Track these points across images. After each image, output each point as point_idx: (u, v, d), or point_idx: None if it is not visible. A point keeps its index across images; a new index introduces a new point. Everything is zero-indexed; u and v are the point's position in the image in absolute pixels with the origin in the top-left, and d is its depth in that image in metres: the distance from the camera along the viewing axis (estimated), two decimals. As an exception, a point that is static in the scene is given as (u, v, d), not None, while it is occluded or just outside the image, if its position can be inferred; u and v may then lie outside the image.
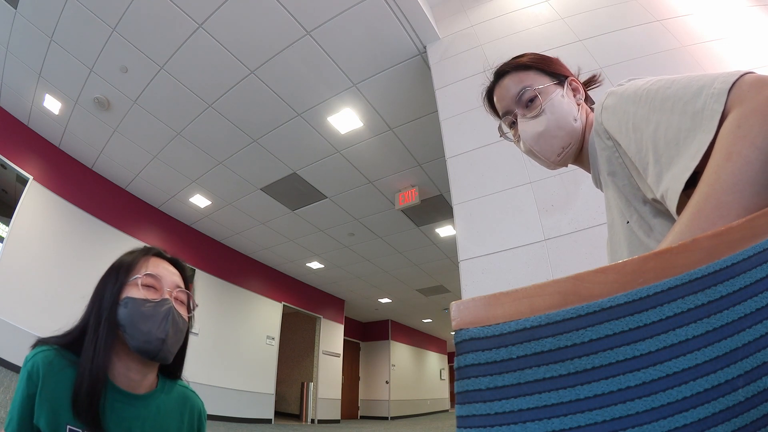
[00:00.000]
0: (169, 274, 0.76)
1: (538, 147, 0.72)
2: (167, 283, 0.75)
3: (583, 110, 0.74)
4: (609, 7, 2.28)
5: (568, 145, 0.71)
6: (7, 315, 3.64)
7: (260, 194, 4.98)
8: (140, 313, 0.68)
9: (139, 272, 0.73)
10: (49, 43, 3.20)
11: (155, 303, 0.71)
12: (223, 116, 3.72)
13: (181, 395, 0.81)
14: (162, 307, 0.71)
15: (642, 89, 0.55)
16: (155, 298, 0.71)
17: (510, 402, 0.28)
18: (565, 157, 0.72)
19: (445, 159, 2.26)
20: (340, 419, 8.67)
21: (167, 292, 0.73)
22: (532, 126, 0.72)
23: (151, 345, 0.68)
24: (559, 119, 0.70)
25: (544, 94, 0.71)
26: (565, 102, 0.71)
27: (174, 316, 0.72)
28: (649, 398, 0.26)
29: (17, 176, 4.36)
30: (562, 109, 0.71)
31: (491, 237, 1.90)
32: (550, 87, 0.72)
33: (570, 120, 0.71)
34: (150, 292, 0.72)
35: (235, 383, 6.09)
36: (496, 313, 0.30)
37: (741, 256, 0.29)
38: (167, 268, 0.77)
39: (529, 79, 0.74)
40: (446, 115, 2.40)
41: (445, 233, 5.76)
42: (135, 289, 0.71)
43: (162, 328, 0.69)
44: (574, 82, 0.76)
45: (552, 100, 0.71)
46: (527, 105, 0.72)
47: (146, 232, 5.40)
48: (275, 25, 2.81)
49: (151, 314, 0.69)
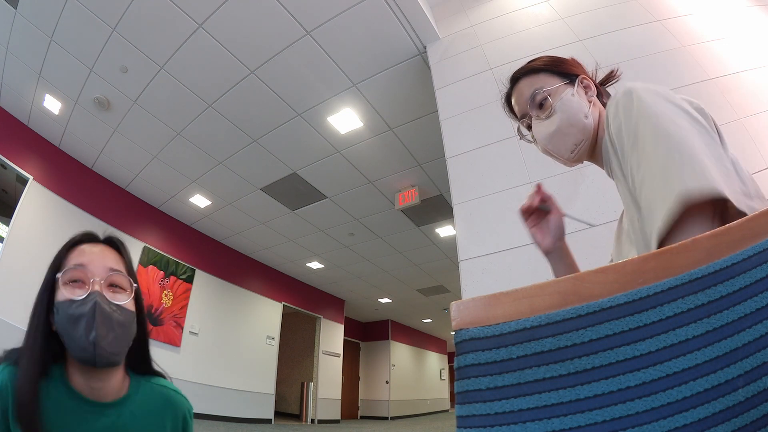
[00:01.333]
0: (99, 257, 0.67)
1: (552, 146, 0.74)
2: (95, 269, 0.65)
3: (595, 107, 0.76)
4: (609, 7, 2.28)
5: (581, 141, 0.73)
6: (7, 315, 3.64)
7: (260, 194, 4.98)
8: (69, 318, 0.61)
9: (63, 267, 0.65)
10: (49, 43, 3.20)
11: (80, 302, 0.61)
12: (223, 116, 3.72)
13: (162, 397, 0.72)
14: (87, 305, 0.61)
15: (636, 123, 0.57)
16: (80, 296, 0.62)
17: (510, 402, 0.28)
18: (579, 153, 0.74)
19: (445, 159, 2.26)
20: (340, 419, 8.67)
21: (96, 283, 0.64)
22: (545, 126, 0.74)
23: (86, 351, 0.60)
24: (570, 117, 0.72)
25: (554, 94, 0.74)
26: (575, 100, 0.73)
27: (103, 311, 0.62)
28: (649, 398, 0.26)
29: (17, 176, 4.36)
30: (572, 107, 0.73)
31: (491, 237, 1.90)
32: (560, 87, 0.74)
33: (581, 117, 0.72)
34: (76, 288, 0.63)
35: (235, 383, 6.09)
36: (496, 313, 0.30)
37: (741, 256, 0.29)
38: (95, 251, 0.67)
39: (540, 81, 0.76)
40: (446, 115, 2.40)
41: (445, 233, 5.76)
42: (61, 290, 0.63)
43: (92, 329, 0.60)
44: (585, 80, 0.78)
45: (562, 100, 0.73)
46: (540, 106, 0.75)
47: (146, 232, 5.40)
48: (275, 25, 2.81)
49: (78, 315, 0.60)
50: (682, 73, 1.85)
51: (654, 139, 0.53)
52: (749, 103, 1.69)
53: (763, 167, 1.52)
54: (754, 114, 1.65)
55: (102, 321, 0.61)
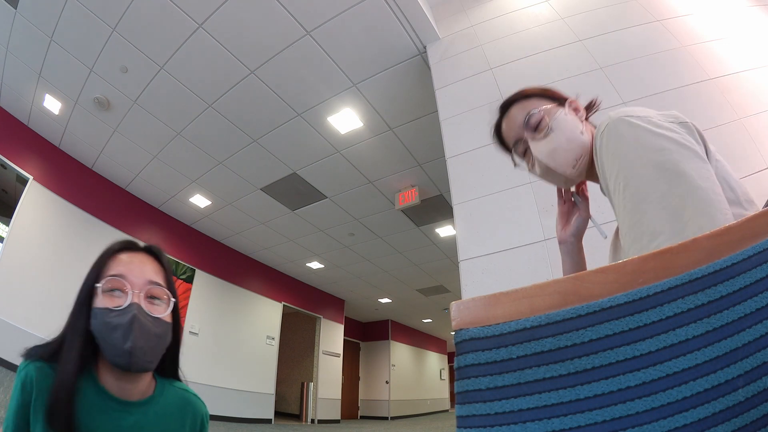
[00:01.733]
0: (139, 267, 0.69)
1: (554, 162, 0.75)
2: (136, 281, 0.67)
3: (587, 126, 0.78)
4: (609, 7, 2.28)
5: (581, 156, 0.74)
6: (6, 315, 3.64)
7: (260, 194, 4.98)
8: (106, 324, 0.63)
9: (103, 275, 0.67)
10: (49, 43, 3.20)
11: (119, 312, 0.64)
12: (223, 116, 3.72)
13: (183, 399, 0.76)
14: (126, 316, 0.64)
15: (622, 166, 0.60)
16: (119, 306, 0.64)
17: (510, 402, 0.28)
18: (580, 167, 0.75)
19: (445, 159, 2.26)
20: (340, 419, 8.67)
21: (134, 295, 0.66)
22: (544, 145, 0.75)
23: (121, 358, 0.63)
24: (567, 133, 0.74)
25: (549, 114, 0.76)
26: (570, 118, 0.76)
27: (141, 323, 0.64)
28: (649, 398, 0.26)
29: (17, 176, 4.36)
30: (567, 124, 0.75)
31: (491, 237, 1.90)
32: (553, 108, 0.77)
33: (577, 133, 0.75)
34: (115, 298, 0.65)
35: (235, 383, 6.09)
36: (496, 313, 0.30)
37: (741, 256, 0.29)
38: (136, 262, 0.69)
39: (532, 104, 0.78)
40: (446, 115, 2.40)
41: (445, 233, 5.76)
42: (100, 297, 0.65)
43: (128, 339, 0.62)
44: (573, 103, 0.80)
45: (557, 118, 0.75)
46: (536, 128, 0.76)
47: (146, 232, 5.40)
48: (275, 25, 2.81)
49: (116, 325, 0.63)
50: (682, 73, 1.85)
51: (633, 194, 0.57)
52: (749, 103, 1.69)
53: (763, 167, 1.52)
54: (754, 114, 1.65)
55: (139, 332, 0.64)
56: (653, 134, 0.57)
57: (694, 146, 0.56)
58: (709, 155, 0.59)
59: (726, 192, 0.57)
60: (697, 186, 0.52)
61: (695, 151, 0.56)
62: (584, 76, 2.05)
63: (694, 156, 0.55)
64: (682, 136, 0.57)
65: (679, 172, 0.53)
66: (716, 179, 0.54)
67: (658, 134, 0.57)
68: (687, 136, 0.58)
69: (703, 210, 0.50)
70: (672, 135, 0.57)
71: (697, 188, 0.52)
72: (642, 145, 0.57)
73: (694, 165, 0.54)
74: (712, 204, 0.51)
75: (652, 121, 0.59)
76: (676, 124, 0.60)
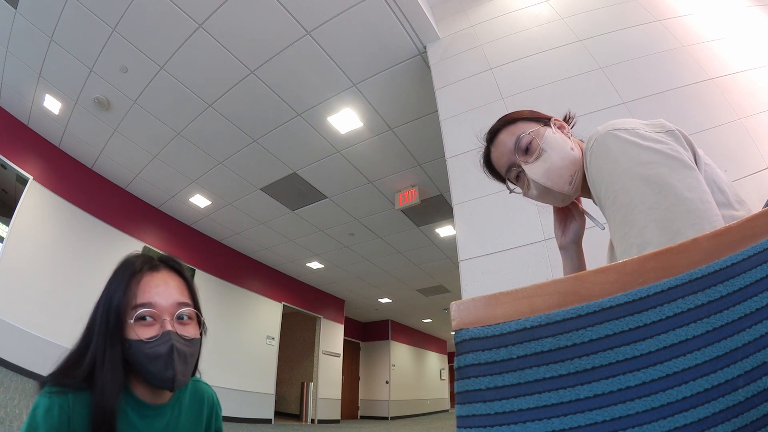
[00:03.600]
0: (165, 290, 0.69)
1: (551, 182, 0.75)
2: (165, 305, 0.67)
3: (575, 142, 0.80)
4: (609, 7, 2.28)
5: (575, 172, 0.75)
6: (6, 315, 3.64)
7: (260, 194, 4.98)
8: (145, 356, 0.64)
9: (132, 303, 0.66)
10: (49, 43, 3.20)
11: (155, 342, 0.65)
12: (223, 116, 3.72)
13: (197, 390, 0.82)
14: (164, 346, 0.65)
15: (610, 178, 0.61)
16: (154, 336, 0.65)
17: (510, 402, 0.28)
18: (576, 184, 0.76)
19: (445, 159, 2.27)
20: (340, 419, 8.67)
21: (166, 322, 0.66)
22: (538, 166, 0.76)
23: (164, 383, 0.65)
24: (558, 151, 0.75)
25: (538, 135, 0.76)
26: (558, 137, 0.77)
27: (178, 350, 0.66)
28: (649, 398, 0.26)
29: (17, 176, 4.36)
30: (557, 142, 0.76)
31: (491, 237, 1.90)
32: (540, 129, 0.77)
33: (568, 150, 0.76)
34: (146, 327, 0.66)
35: (235, 383, 6.09)
36: (496, 313, 0.30)
37: (741, 256, 0.29)
38: (161, 284, 0.69)
39: (519, 128, 0.79)
40: (446, 115, 2.40)
41: (445, 233, 5.76)
42: (131, 330, 0.65)
43: (170, 367, 0.65)
44: (557, 122, 0.81)
45: (546, 138, 0.76)
46: (526, 151, 0.77)
47: (146, 232, 5.40)
48: (275, 25, 2.81)
49: (156, 355, 0.64)
50: (682, 73, 1.85)
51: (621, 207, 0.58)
52: (749, 103, 1.69)
53: (763, 167, 1.52)
54: (753, 114, 1.65)
55: (178, 359, 0.66)
56: (640, 147, 0.58)
57: (681, 155, 0.57)
58: (697, 160, 0.60)
59: (716, 195, 0.58)
60: (685, 197, 0.53)
61: (682, 161, 0.57)
62: (584, 76, 2.05)
63: (681, 166, 0.56)
64: (669, 147, 0.58)
65: (666, 185, 0.54)
66: (705, 187, 0.55)
67: (645, 147, 0.58)
68: (674, 146, 0.58)
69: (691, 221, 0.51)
70: (658, 147, 0.58)
71: (685, 200, 0.53)
72: (629, 158, 0.58)
73: (681, 176, 0.55)
74: (700, 214, 0.52)
75: (639, 133, 0.60)
76: (663, 133, 0.60)
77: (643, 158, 0.57)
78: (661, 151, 0.57)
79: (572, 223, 0.85)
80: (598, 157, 0.63)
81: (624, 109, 1.86)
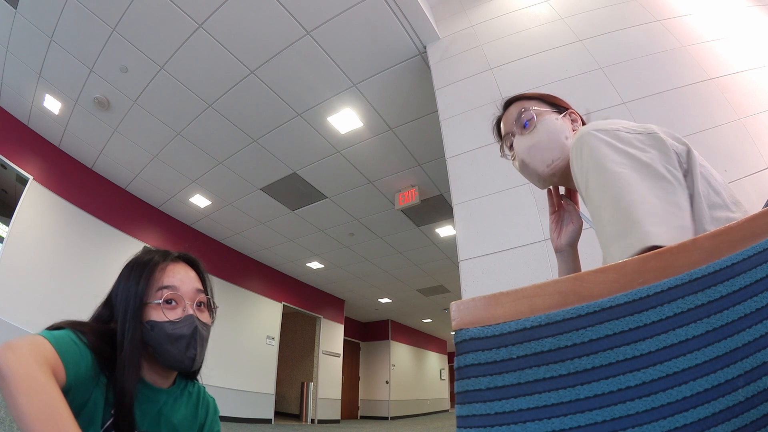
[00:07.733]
0: (188, 279, 0.74)
1: (529, 158, 0.79)
2: (187, 292, 0.73)
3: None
4: (609, 7, 2.28)
5: (558, 158, 0.77)
6: (7, 315, 3.64)
7: (260, 194, 4.98)
8: (166, 336, 0.68)
9: (156, 285, 0.71)
10: (49, 43, 3.20)
11: (179, 322, 0.69)
12: (223, 116, 3.72)
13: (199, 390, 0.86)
14: (188, 327, 0.70)
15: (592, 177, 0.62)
16: (178, 318, 0.70)
17: (510, 402, 0.28)
18: (553, 168, 0.78)
19: (445, 159, 2.26)
20: (340, 419, 8.67)
21: (189, 306, 0.72)
22: (525, 140, 0.80)
23: (183, 363, 0.69)
24: (549, 134, 0.78)
25: (539, 115, 0.80)
26: (558, 123, 0.79)
27: (200, 333, 0.71)
28: (649, 398, 0.26)
29: (17, 176, 4.36)
30: (554, 127, 0.78)
31: (491, 237, 1.90)
32: (546, 111, 0.81)
33: (561, 137, 0.77)
34: (170, 309, 0.70)
35: (235, 383, 6.09)
36: (496, 313, 0.30)
37: (741, 256, 0.29)
38: (183, 273, 0.75)
39: (529, 105, 0.83)
40: (446, 115, 2.40)
41: (445, 233, 5.76)
42: (156, 311, 0.69)
43: (191, 347, 0.70)
44: (573, 114, 0.83)
45: (546, 120, 0.79)
46: (524, 126, 0.81)
47: (146, 232, 5.40)
48: (275, 25, 2.81)
49: (179, 335, 0.69)
50: (682, 73, 1.85)
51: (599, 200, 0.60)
52: (749, 103, 1.69)
53: (763, 167, 1.52)
54: (753, 114, 1.65)
55: (198, 340, 0.71)
56: (615, 150, 0.59)
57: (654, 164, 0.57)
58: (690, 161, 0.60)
59: (711, 196, 0.58)
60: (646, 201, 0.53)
61: (655, 170, 0.57)
62: (584, 76, 2.05)
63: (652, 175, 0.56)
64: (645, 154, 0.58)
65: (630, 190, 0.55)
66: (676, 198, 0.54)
67: (619, 149, 0.59)
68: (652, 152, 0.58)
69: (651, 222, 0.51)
70: (633, 152, 0.59)
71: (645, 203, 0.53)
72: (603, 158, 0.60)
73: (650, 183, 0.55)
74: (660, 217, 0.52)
75: (618, 135, 0.61)
76: (644, 135, 0.61)
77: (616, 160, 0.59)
78: (634, 156, 0.58)
79: (568, 225, 0.87)
80: (576, 154, 0.65)
81: (624, 109, 1.86)
